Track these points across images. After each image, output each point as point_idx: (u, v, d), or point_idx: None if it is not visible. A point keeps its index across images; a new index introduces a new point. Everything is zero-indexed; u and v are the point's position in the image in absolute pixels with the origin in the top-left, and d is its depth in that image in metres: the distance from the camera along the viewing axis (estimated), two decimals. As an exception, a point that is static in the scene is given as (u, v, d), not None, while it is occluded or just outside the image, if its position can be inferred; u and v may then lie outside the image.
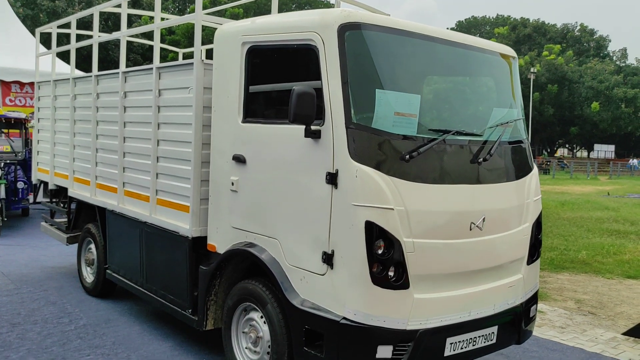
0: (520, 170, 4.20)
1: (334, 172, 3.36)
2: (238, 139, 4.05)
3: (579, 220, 13.68)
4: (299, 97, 3.33)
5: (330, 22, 3.43)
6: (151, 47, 5.77)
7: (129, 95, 5.43)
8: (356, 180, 3.28)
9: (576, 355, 5.06)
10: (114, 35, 5.97)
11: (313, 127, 3.44)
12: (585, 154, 71.49)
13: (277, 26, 3.87)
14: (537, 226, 4.27)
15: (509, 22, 69.48)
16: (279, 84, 3.91)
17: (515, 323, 4.06)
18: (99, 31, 5.54)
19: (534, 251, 4.23)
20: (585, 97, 53.93)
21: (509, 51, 4.42)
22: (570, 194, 22.41)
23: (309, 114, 3.37)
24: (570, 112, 54.98)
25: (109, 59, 29.41)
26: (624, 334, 5.61)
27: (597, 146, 60.80)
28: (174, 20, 5.36)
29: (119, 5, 5.80)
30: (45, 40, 10.45)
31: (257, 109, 4.08)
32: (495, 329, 3.87)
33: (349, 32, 3.41)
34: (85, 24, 9.60)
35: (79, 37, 7.39)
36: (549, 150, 64.15)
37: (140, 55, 30.69)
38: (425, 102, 3.86)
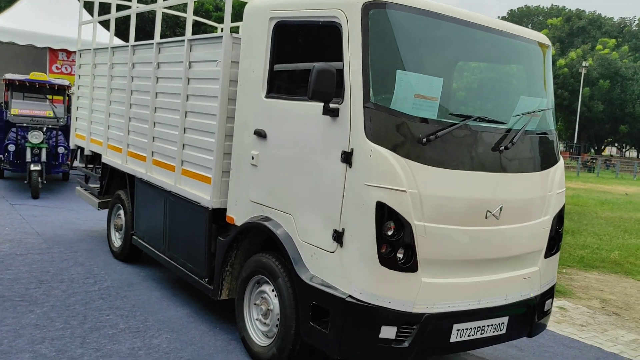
0: (545, 162, 4.11)
1: (349, 151, 3.36)
2: (260, 113, 4.09)
3: (617, 221, 13.29)
4: (319, 74, 3.33)
5: (355, 0, 3.40)
6: (198, 23, 5.83)
7: (161, 66, 5.53)
8: (370, 160, 3.27)
9: (593, 354, 4.97)
10: (151, 6, 6.06)
11: (331, 105, 3.44)
12: (634, 154, 69.06)
13: (304, 2, 3.86)
14: (559, 219, 4.17)
15: (564, 13, 67.21)
16: (302, 61, 3.91)
17: (528, 316, 4.00)
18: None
19: (553, 244, 4.14)
20: (639, 95, 51.91)
21: (543, 39, 4.29)
22: (613, 194, 21.75)
23: (328, 91, 3.37)
24: (621, 109, 53.04)
25: (162, 34, 29.81)
26: (646, 336, 5.47)
27: (647, 146, 58.60)
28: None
29: (157, -23, 5.88)
30: (91, 8, 10.68)
31: (280, 84, 4.10)
32: (505, 319, 3.83)
33: (373, 11, 3.38)
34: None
35: (124, 8, 7.51)
36: (596, 148, 62.21)
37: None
38: (449, 86, 3.82)
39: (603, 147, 64.75)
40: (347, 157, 3.37)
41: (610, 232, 11.53)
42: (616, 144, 68.06)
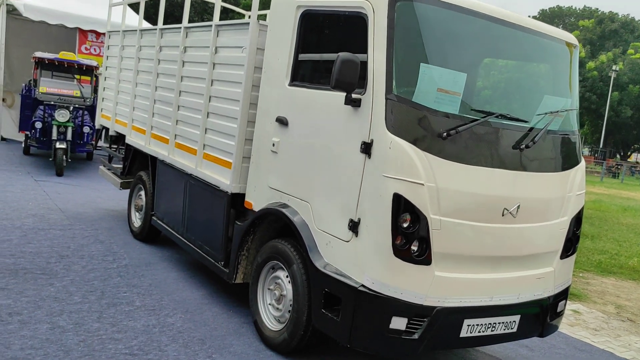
0: (566, 162, 4.08)
1: (369, 141, 3.38)
2: (283, 101, 4.12)
3: (639, 227, 13.09)
4: (343, 64, 3.36)
5: (382, -8, 3.41)
6: (226, 10, 5.84)
7: (188, 50, 5.59)
8: (389, 151, 3.29)
9: (604, 359, 4.94)
10: (180, -10, 6.12)
11: (354, 95, 3.46)
12: (661, 161, 67.66)
13: (332, -8, 3.88)
14: (577, 221, 4.15)
15: (596, 15, 65.93)
16: (327, 50, 3.93)
17: (540, 316, 4.00)
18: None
19: (570, 246, 4.12)
20: (669, 102, 50.79)
21: (571, 38, 4.25)
22: (636, 201, 21.41)
23: (351, 81, 3.39)
24: (650, 116, 51.99)
25: (190, 20, 30.07)
26: (660, 344, 5.41)
27: (675, 154, 57.39)
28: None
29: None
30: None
31: (304, 73, 4.13)
32: (517, 318, 3.83)
33: (400, 3, 3.39)
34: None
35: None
36: (622, 153, 61.13)
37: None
38: (472, 82, 3.81)
39: (629, 153, 63.58)
40: (366, 148, 3.39)
41: (631, 238, 11.38)
42: (643, 151, 66.77)
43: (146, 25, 11.14)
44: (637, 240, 11.27)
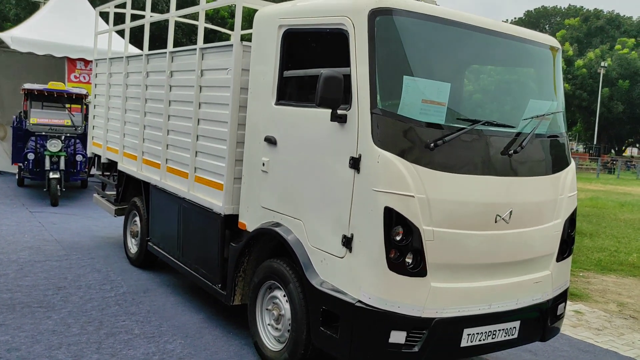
0: (556, 165, 4.09)
1: (357, 156, 3.38)
2: (270, 120, 4.13)
3: (637, 223, 13.11)
4: (326, 81, 3.37)
5: (361, 7, 3.43)
6: (215, 30, 5.84)
7: (174, 74, 5.61)
8: (378, 165, 3.29)
9: (608, 359, 4.92)
10: (164, 16, 6.15)
11: (339, 112, 3.47)
12: (656, 154, 67.92)
13: (312, 9, 3.91)
14: (571, 223, 4.15)
15: (581, 13, 66.48)
16: (311, 68, 3.95)
17: (540, 320, 3.98)
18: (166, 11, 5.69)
19: (565, 248, 4.12)
20: (659, 95, 51.08)
21: (552, 42, 4.28)
22: (633, 195, 21.44)
23: (336, 97, 3.40)
24: (641, 110, 52.26)
25: (178, 42, 30.26)
26: (664, 340, 5.39)
27: (669, 147, 57.57)
28: (218, 2, 5.47)
29: (169, -13, 5.97)
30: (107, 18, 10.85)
31: (289, 91, 4.14)
32: (517, 323, 3.81)
33: (380, 17, 3.41)
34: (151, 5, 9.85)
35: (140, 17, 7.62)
36: (616, 149, 61.34)
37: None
38: (457, 91, 3.83)
39: (624, 147, 63.81)
40: (355, 163, 3.39)
41: (630, 234, 11.38)
42: (637, 145, 67.04)
43: (135, 50, 11.19)
44: (636, 235, 11.27)
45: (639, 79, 51.38)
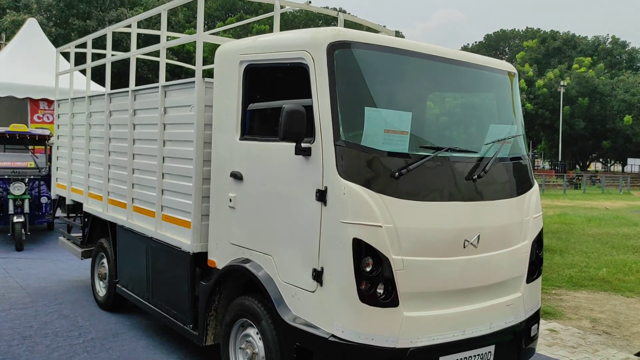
0: (520, 187, 4.15)
1: (323, 189, 3.38)
2: (235, 155, 4.11)
3: (604, 237, 13.35)
4: (289, 115, 3.37)
5: (320, 41, 3.47)
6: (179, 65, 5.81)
7: (137, 112, 5.56)
8: (344, 197, 3.29)
9: (585, 376, 4.94)
10: (125, 54, 6.12)
11: (303, 145, 3.47)
12: (619, 168, 69.76)
13: (272, 44, 3.93)
14: (538, 244, 4.20)
15: (539, 34, 68.77)
16: (273, 102, 3.96)
17: (515, 342, 3.99)
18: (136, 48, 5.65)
19: (534, 269, 4.15)
20: (618, 111, 52.77)
21: (508, 67, 4.39)
22: (599, 210, 21.90)
23: (299, 131, 3.40)
24: (602, 125, 53.86)
25: (143, 77, 30.21)
26: (637, 354, 5.44)
27: (630, 160, 59.21)
28: (179, 39, 5.48)
29: (129, 26, 5.96)
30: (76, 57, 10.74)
31: (253, 126, 4.14)
32: (492, 348, 3.80)
33: (338, 51, 3.44)
34: (114, 42, 9.79)
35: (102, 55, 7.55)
36: (581, 164, 62.85)
37: (168, 72, 31.36)
38: (419, 120, 3.87)
39: (588, 163, 65.48)
40: (321, 196, 3.38)
41: (598, 249, 11.57)
42: (601, 160, 68.86)
43: (98, 88, 11.09)
44: (604, 250, 11.47)
45: (597, 96, 53.14)
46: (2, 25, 30.13)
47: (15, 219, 9.59)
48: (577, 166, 62.04)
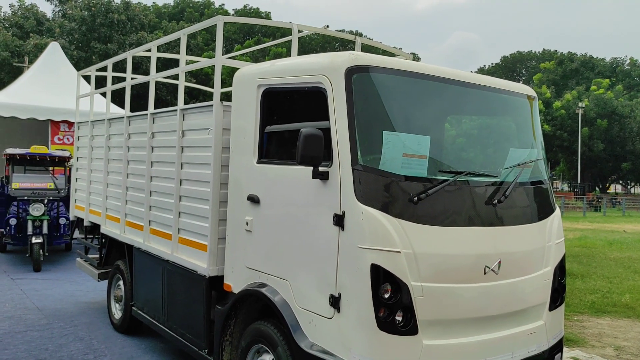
0: (541, 212, 4.08)
1: (341, 213, 3.34)
2: (253, 179, 4.09)
3: (627, 261, 13.08)
4: (306, 139, 3.35)
5: (338, 65, 3.46)
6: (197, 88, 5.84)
7: (156, 135, 5.59)
8: (362, 222, 3.25)
9: (610, 408, 4.78)
10: (145, 78, 6.19)
11: (321, 169, 3.44)
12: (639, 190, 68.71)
13: (290, 69, 3.94)
14: (560, 270, 4.10)
15: (556, 56, 68.51)
16: (291, 125, 3.95)
17: (538, 372, 3.87)
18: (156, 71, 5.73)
19: (557, 296, 4.05)
20: (637, 132, 52.18)
21: (528, 91, 4.34)
22: (620, 233, 21.52)
23: (317, 155, 3.38)
24: (621, 147, 53.21)
25: (162, 99, 30.59)
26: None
27: (651, 182, 58.26)
28: (198, 64, 5.54)
29: (149, 50, 6.03)
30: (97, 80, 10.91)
31: (271, 150, 4.13)
32: (514, 378, 3.70)
33: (356, 75, 3.43)
34: (134, 65, 9.94)
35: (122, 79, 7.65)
36: (600, 186, 62.01)
37: (186, 93, 31.70)
38: (438, 143, 3.83)
39: (608, 184, 64.54)
40: (339, 220, 3.34)
41: (620, 273, 11.33)
42: (620, 181, 67.87)
43: (118, 110, 11.22)
44: (627, 275, 11.22)
45: (616, 117, 52.57)
46: (26, 48, 30.80)
47: (34, 240, 9.67)
48: (597, 188, 61.20)
